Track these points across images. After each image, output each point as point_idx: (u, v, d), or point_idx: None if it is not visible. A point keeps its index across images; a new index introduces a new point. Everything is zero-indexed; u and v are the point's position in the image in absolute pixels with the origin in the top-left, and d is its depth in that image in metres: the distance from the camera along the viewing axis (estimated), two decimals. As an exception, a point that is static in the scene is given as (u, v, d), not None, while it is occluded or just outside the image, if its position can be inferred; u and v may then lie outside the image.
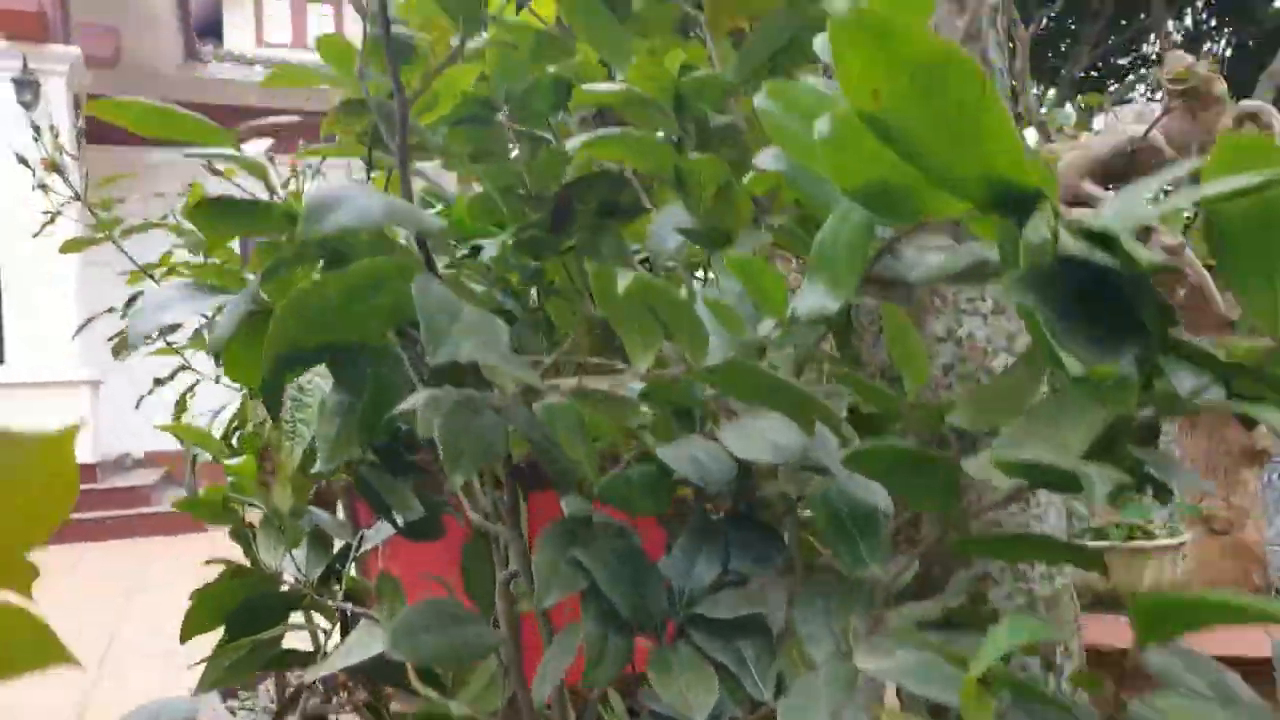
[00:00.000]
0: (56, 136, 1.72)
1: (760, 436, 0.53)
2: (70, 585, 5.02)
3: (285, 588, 0.78)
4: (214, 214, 0.74)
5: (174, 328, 1.73)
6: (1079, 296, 0.39)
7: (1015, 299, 0.37)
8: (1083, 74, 9.51)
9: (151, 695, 0.81)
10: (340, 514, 0.97)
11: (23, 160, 1.80)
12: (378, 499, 0.70)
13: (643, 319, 0.50)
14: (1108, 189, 1.76)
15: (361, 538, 0.78)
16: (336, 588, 0.79)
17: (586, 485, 0.65)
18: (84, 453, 7.24)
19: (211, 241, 1.18)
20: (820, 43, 0.52)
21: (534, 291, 0.89)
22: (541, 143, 0.85)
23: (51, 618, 0.33)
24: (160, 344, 1.60)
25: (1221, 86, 1.79)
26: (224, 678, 0.77)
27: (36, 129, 1.73)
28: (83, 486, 7.24)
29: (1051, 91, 9.31)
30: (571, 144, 0.71)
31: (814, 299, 0.44)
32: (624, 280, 0.45)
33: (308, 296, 0.55)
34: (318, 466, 0.66)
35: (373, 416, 0.68)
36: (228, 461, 0.84)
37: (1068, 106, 1.81)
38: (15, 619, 0.30)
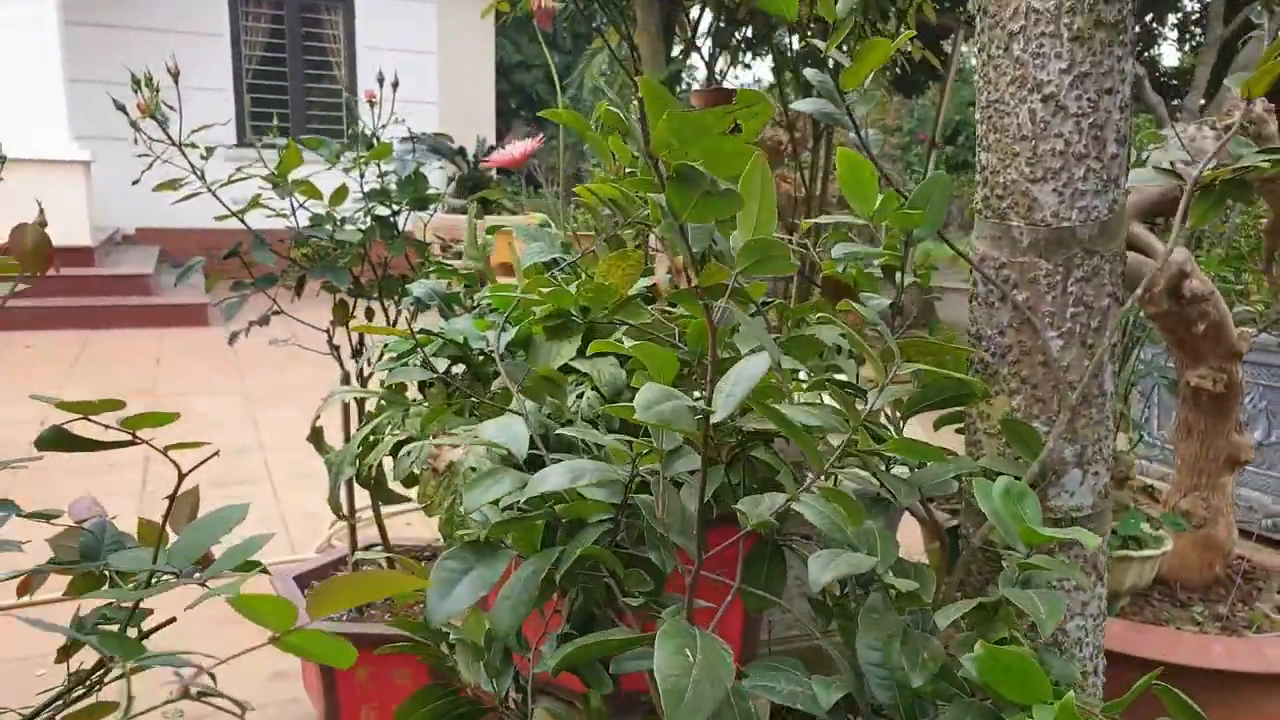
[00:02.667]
0: (155, 89, 1.75)
1: None
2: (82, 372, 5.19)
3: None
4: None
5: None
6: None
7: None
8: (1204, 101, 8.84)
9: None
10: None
11: (120, 106, 1.83)
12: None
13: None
14: (1152, 226, 1.87)
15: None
16: (520, 697, 0.98)
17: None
18: (79, 235, 7.23)
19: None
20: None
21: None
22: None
23: None
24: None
25: (1272, 128, 1.87)
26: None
27: (136, 81, 1.76)
28: (80, 271, 7.29)
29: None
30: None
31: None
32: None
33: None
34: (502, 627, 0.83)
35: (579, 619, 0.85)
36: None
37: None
38: None
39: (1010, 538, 0.81)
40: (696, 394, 0.96)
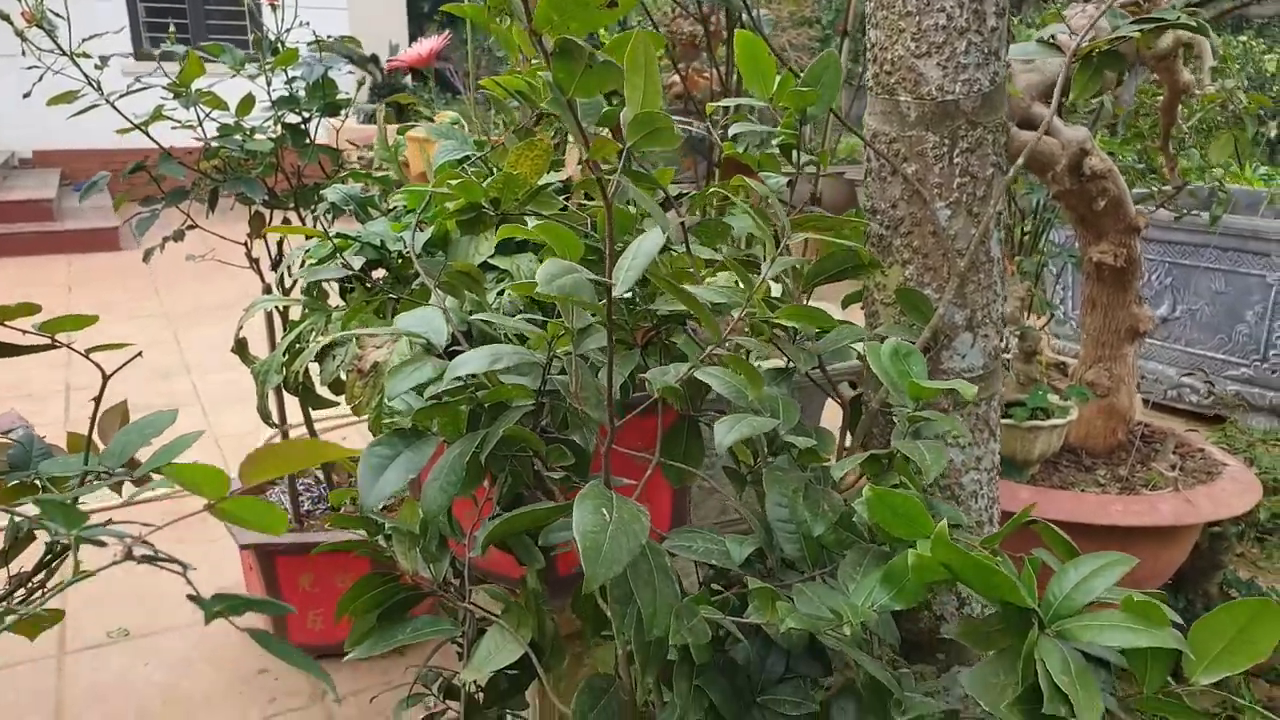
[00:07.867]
0: (40, -4, 1.68)
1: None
2: None
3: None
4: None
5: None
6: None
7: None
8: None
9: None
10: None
11: (4, 15, 1.75)
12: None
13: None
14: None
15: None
16: (458, 581, 1.02)
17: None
18: (-26, 161, 6.91)
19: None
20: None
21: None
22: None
23: None
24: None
25: (1163, 7, 1.92)
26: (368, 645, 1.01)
27: (18, -13, 1.68)
28: (-22, 200, 6.92)
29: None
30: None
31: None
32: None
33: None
34: (433, 508, 0.86)
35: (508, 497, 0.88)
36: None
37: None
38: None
39: (898, 394, 0.86)
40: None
